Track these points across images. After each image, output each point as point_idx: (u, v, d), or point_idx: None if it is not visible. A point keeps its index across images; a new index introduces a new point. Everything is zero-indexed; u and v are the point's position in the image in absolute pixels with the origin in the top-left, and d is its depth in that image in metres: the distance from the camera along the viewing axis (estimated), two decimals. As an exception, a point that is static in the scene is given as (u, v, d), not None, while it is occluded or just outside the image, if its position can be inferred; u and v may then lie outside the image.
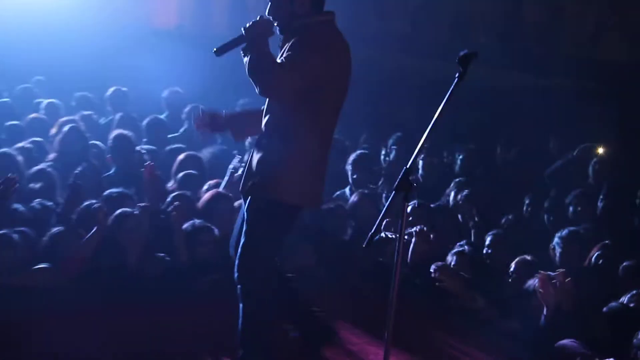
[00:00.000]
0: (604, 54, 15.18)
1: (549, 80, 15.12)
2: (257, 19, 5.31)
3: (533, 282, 6.67)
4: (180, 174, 8.79)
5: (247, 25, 5.28)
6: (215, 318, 6.70)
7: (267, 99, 5.48)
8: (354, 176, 9.18)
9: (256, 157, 5.44)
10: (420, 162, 9.53)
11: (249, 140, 8.55)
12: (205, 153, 9.59)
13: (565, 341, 6.16)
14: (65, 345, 6.07)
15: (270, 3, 5.41)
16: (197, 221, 7.62)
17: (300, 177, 5.36)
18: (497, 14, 20.55)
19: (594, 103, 11.88)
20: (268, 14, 5.41)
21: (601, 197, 8.47)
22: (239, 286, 5.55)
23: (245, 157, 5.88)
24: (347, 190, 9.16)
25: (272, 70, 5.14)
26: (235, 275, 5.55)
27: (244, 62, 5.24)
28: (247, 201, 5.49)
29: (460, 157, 9.90)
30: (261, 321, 5.57)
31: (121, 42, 13.04)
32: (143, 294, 6.70)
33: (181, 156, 9.15)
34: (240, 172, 5.74)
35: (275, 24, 5.43)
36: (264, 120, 5.52)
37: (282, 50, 5.39)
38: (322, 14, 5.46)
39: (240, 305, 5.57)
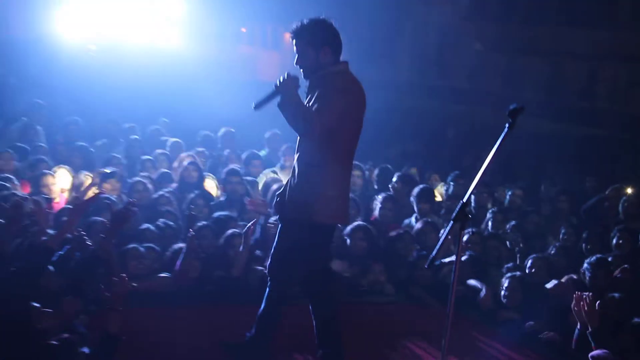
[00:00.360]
0: (634, 109, 15.01)
1: (586, 129, 15.02)
2: (285, 75, 5.32)
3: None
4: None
5: (278, 81, 5.31)
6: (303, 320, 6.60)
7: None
8: (419, 206, 9.17)
9: (292, 185, 5.50)
10: (472, 197, 9.51)
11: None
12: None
13: (597, 351, 6.10)
14: (177, 336, 6.28)
15: (297, 55, 5.48)
16: None
17: (329, 200, 5.43)
18: (543, 72, 20.45)
19: (625, 150, 11.79)
20: (296, 63, 5.50)
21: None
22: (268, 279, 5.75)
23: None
24: (412, 218, 9.16)
25: (312, 119, 5.23)
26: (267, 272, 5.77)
27: (283, 113, 5.30)
28: (284, 223, 5.63)
29: (510, 192, 9.89)
30: (273, 321, 5.78)
31: (233, 92, 13.20)
32: (245, 298, 6.74)
33: (274, 186, 9.22)
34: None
35: (301, 72, 5.53)
36: (297, 155, 5.58)
37: (310, 95, 5.47)
38: (340, 63, 5.54)
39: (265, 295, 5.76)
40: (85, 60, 16.88)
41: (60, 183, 8.68)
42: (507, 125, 4.69)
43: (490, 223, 9.11)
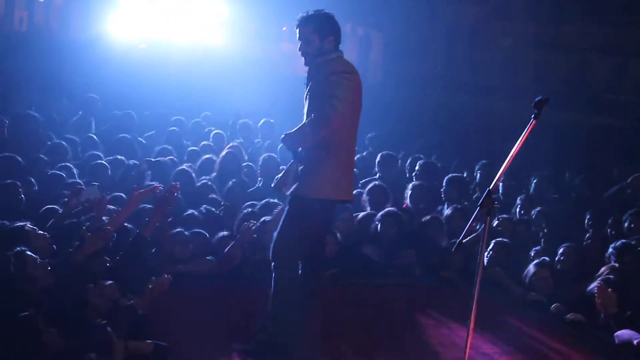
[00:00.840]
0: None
1: (612, 120, 14.82)
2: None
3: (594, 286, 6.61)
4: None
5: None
6: (335, 302, 6.50)
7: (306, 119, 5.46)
8: (447, 194, 8.96)
9: (300, 166, 5.41)
10: (501, 185, 9.43)
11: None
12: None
13: (621, 331, 6.06)
14: (218, 317, 6.22)
15: (302, 41, 5.39)
16: None
17: (335, 178, 5.38)
18: (570, 65, 20.24)
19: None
20: (300, 49, 5.42)
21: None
22: (272, 264, 5.56)
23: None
24: (445, 206, 8.94)
25: (328, 118, 5.21)
26: (270, 256, 5.59)
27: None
28: (291, 199, 5.47)
29: (535, 180, 9.76)
30: (288, 298, 5.51)
31: (275, 86, 13.19)
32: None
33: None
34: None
35: (303, 59, 5.47)
36: None
37: (313, 81, 5.42)
38: (338, 51, 5.47)
39: (272, 282, 5.57)
40: (136, 57, 17.05)
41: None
42: (532, 116, 4.60)
43: (518, 209, 8.97)
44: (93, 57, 15.81)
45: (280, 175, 5.63)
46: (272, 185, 5.68)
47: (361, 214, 8.31)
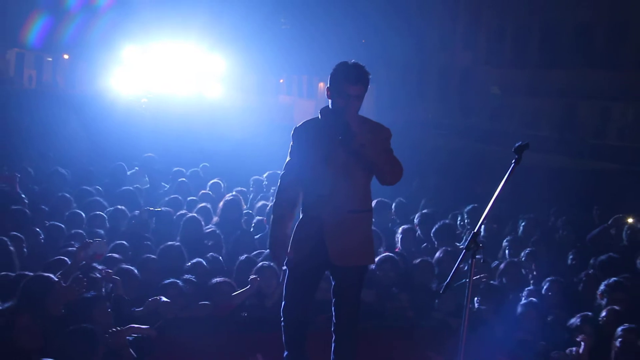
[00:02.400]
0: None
1: (596, 164, 14.96)
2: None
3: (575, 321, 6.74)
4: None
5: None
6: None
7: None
8: (439, 241, 9.03)
9: (347, 233, 5.26)
10: (482, 228, 9.49)
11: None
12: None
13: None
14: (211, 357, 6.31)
15: (358, 100, 5.16)
16: None
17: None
18: (557, 112, 20.46)
19: (632, 182, 11.73)
20: (352, 109, 5.12)
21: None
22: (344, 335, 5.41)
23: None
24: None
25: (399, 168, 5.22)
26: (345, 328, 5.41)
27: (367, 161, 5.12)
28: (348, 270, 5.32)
29: (523, 223, 9.86)
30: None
31: (274, 136, 13.34)
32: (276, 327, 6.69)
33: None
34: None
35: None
36: (339, 201, 5.24)
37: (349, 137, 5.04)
38: None
39: (338, 348, 5.44)
40: (138, 111, 17.24)
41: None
42: (513, 160, 4.77)
43: (507, 251, 9.04)
44: (97, 111, 16.04)
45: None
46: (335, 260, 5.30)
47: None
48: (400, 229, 9.05)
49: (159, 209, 9.10)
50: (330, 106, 5.23)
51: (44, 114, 16.28)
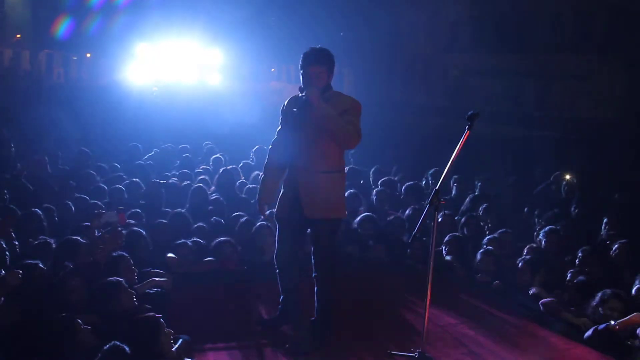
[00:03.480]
0: (579, 113, 14.93)
1: (540, 132, 14.90)
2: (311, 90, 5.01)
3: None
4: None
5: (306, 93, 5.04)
6: None
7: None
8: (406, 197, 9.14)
9: (318, 189, 5.22)
10: (454, 188, 9.50)
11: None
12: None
13: (546, 299, 6.22)
14: (220, 310, 6.24)
15: (315, 77, 5.07)
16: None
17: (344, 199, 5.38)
18: (511, 90, 20.29)
19: (568, 147, 11.71)
20: (311, 85, 5.05)
21: (573, 207, 8.39)
22: (320, 277, 5.36)
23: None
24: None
25: (353, 135, 5.04)
26: (320, 271, 5.35)
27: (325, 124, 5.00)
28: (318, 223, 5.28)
29: (479, 183, 9.81)
30: (330, 298, 5.45)
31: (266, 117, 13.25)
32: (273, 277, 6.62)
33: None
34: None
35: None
36: (309, 161, 5.20)
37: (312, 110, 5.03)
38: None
39: (318, 289, 5.41)
40: (150, 98, 17.20)
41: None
42: (466, 127, 4.71)
43: (468, 207, 9.01)
44: (115, 99, 15.98)
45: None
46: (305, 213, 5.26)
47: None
48: (374, 191, 9.02)
49: (165, 182, 9.05)
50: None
51: (73, 104, 16.13)
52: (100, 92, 17.33)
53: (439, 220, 7.82)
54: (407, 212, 8.61)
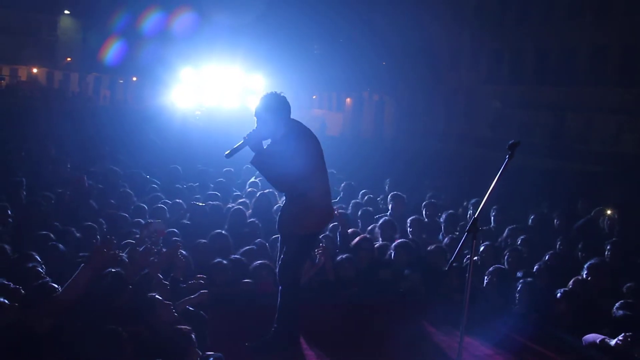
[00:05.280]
0: (621, 148, 14.73)
1: (582, 166, 14.75)
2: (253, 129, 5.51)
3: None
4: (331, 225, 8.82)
5: (247, 134, 5.51)
6: (353, 315, 6.78)
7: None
8: (445, 227, 9.04)
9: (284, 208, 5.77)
10: (492, 218, 9.41)
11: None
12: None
13: (586, 335, 6.08)
14: (252, 324, 6.16)
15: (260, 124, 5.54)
16: (343, 256, 7.60)
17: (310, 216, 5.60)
18: (549, 121, 20.19)
19: (610, 182, 11.55)
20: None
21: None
22: (279, 286, 5.76)
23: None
24: (440, 235, 8.97)
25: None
26: (280, 281, 5.74)
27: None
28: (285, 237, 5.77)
29: (532, 217, 9.60)
30: (291, 308, 5.71)
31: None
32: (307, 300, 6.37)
33: (336, 212, 9.29)
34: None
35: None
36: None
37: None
38: None
39: (279, 297, 5.74)
40: (192, 121, 17.46)
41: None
42: (507, 156, 4.69)
43: (509, 239, 8.86)
44: (158, 122, 16.27)
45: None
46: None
47: (377, 244, 8.30)
48: (409, 220, 8.97)
49: (202, 204, 9.12)
50: None
51: (117, 125, 16.49)
52: (146, 115, 17.72)
53: (481, 250, 7.91)
54: (445, 241, 8.54)
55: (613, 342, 5.74)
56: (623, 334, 5.71)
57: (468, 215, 9.98)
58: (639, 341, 5.64)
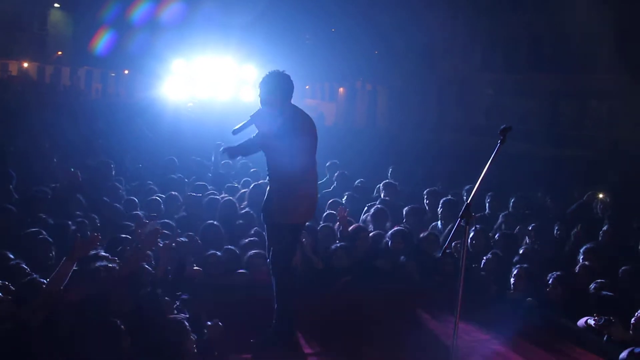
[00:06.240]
0: (615, 135, 14.77)
1: (573, 151, 14.80)
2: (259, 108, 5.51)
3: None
4: (325, 213, 8.91)
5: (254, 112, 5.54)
6: (349, 303, 6.81)
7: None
8: (443, 214, 8.93)
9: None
10: (487, 205, 9.41)
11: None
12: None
13: (580, 320, 6.10)
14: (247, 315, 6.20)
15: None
16: (337, 244, 7.63)
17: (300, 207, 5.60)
18: (543, 110, 20.24)
19: (603, 167, 11.58)
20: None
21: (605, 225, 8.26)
22: (273, 273, 5.72)
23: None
24: (438, 222, 8.89)
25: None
26: (271, 269, 5.73)
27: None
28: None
29: (512, 200, 9.65)
30: (286, 298, 5.68)
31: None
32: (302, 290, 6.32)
33: (330, 200, 9.29)
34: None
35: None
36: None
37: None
38: None
39: (275, 289, 5.72)
40: (184, 113, 17.43)
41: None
42: (499, 141, 4.69)
43: (503, 225, 8.87)
44: (149, 114, 16.24)
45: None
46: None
47: (372, 233, 8.30)
48: (404, 209, 8.98)
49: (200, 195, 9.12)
50: None
51: (110, 119, 16.44)
52: (138, 108, 17.66)
53: (471, 236, 7.92)
54: (440, 227, 8.55)
55: (591, 321, 5.85)
56: (594, 316, 5.82)
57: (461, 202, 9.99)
58: (611, 322, 5.71)
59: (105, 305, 4.94)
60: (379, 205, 8.88)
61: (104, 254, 5.74)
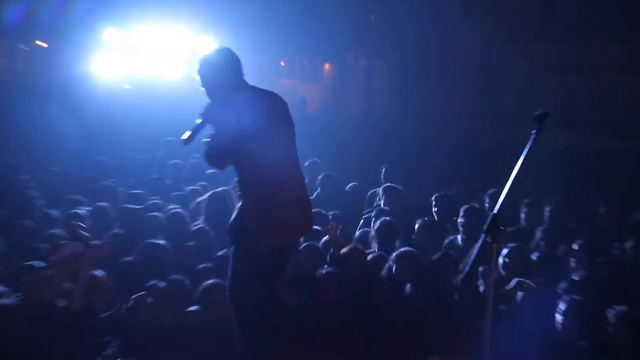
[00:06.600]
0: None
1: (635, 144, 14.88)
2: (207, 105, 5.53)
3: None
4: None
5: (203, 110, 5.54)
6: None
7: None
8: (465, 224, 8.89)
9: None
10: (522, 216, 9.38)
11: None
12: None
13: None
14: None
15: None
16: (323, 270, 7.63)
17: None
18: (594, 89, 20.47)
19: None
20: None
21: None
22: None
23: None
24: (458, 236, 8.88)
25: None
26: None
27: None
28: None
29: (549, 209, 9.54)
30: (252, 336, 5.62)
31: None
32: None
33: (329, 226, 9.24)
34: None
35: None
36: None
37: None
38: None
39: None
40: (120, 97, 17.52)
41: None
42: (534, 131, 4.65)
43: (542, 242, 8.80)
44: (78, 95, 16.22)
45: None
46: None
47: (371, 255, 8.23)
48: (419, 221, 8.93)
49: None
50: None
51: (17, 105, 16.42)
52: (57, 89, 17.62)
53: (504, 255, 7.83)
54: (458, 242, 8.53)
55: None
56: None
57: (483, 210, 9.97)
58: None
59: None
60: (386, 218, 8.78)
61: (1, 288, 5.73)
